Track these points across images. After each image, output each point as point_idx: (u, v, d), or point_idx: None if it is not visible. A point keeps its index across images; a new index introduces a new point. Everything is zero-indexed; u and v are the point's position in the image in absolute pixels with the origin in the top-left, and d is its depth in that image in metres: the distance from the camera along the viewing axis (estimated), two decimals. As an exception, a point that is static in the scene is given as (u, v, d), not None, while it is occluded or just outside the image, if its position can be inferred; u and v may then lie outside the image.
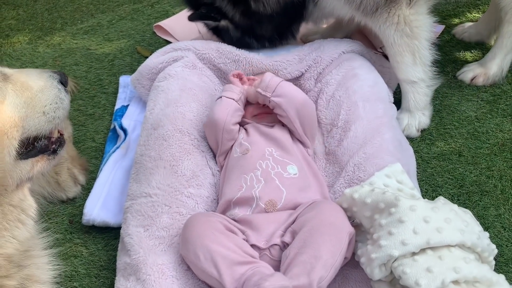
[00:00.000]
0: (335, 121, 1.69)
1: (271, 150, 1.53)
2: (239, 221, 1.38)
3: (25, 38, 2.49)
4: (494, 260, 1.28)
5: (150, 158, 1.57)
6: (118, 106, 2.00)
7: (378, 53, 2.11)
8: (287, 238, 1.31)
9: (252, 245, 1.31)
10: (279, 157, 1.51)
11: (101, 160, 1.81)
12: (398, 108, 1.88)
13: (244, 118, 1.67)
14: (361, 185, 1.36)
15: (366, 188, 1.30)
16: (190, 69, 1.87)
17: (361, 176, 1.50)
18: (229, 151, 1.61)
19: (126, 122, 1.89)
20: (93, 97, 2.12)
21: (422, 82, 1.82)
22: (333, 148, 1.64)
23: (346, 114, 1.69)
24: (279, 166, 1.48)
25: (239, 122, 1.65)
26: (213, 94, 1.84)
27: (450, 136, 1.84)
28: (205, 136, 1.67)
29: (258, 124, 1.64)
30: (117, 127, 1.88)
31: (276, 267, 1.29)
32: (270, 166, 1.48)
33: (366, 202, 1.26)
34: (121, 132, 1.85)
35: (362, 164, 1.53)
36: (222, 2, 1.93)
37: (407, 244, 1.15)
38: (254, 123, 1.65)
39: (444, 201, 1.27)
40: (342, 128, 1.66)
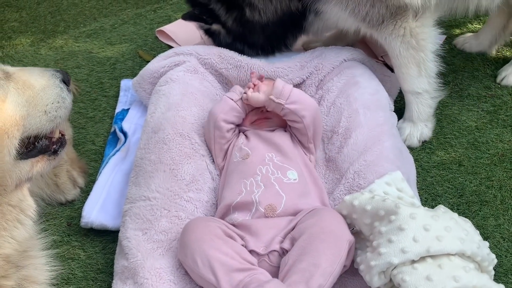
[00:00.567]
0: (336, 128, 1.69)
1: (271, 155, 1.53)
2: (238, 226, 1.38)
3: (27, 41, 2.50)
4: (493, 270, 1.27)
5: (150, 162, 1.56)
6: (118, 110, 2.00)
7: (379, 61, 2.12)
8: (286, 245, 1.31)
9: (250, 250, 1.31)
10: (279, 162, 1.51)
11: (100, 163, 1.81)
12: (398, 116, 1.88)
13: (243, 126, 1.67)
14: (361, 192, 1.36)
15: (366, 195, 1.30)
16: (192, 73, 1.88)
17: (361, 183, 1.50)
18: (227, 155, 1.61)
19: (127, 125, 1.89)
20: (94, 100, 2.12)
21: (427, 94, 1.82)
22: (333, 155, 1.64)
23: (347, 121, 1.69)
24: (279, 172, 1.48)
25: (238, 126, 1.65)
26: (214, 99, 1.84)
27: (450, 145, 1.84)
28: (205, 140, 1.67)
29: (258, 130, 1.64)
30: (117, 130, 1.87)
31: (274, 274, 1.29)
32: (270, 171, 1.48)
33: (366, 209, 1.26)
34: (121, 135, 1.85)
35: (362, 171, 1.53)
36: (216, 5, 1.90)
37: (407, 252, 1.15)
38: (254, 129, 1.65)
39: (444, 209, 1.27)
40: (343, 135, 1.66)
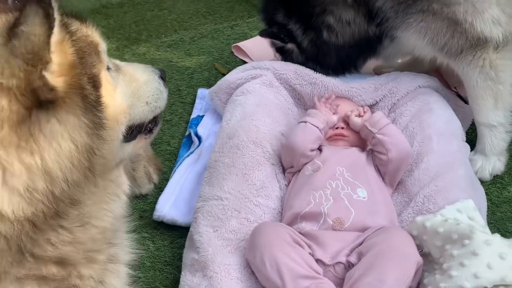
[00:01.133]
0: (407, 152, 1.69)
1: (342, 170, 1.55)
2: (305, 235, 1.40)
3: (113, 46, 2.69)
4: None
5: (224, 164, 1.63)
6: (194, 115, 2.11)
7: (452, 92, 2.11)
8: (353, 259, 1.32)
9: (317, 260, 1.33)
10: (350, 178, 1.53)
11: (174, 163, 1.91)
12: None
13: None
14: (433, 214, 1.35)
15: (438, 217, 1.30)
16: (267, 87, 1.95)
17: (430, 208, 1.49)
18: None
19: (201, 130, 1.99)
20: (171, 105, 2.24)
21: (502, 127, 1.78)
22: (403, 177, 1.64)
23: (419, 146, 1.69)
24: (349, 187, 1.50)
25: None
26: (286, 113, 1.90)
27: (523, 182, 1.79)
28: (275, 149, 1.71)
29: (333, 145, 1.68)
30: (192, 134, 1.97)
31: (338, 285, 1.30)
32: (340, 186, 1.50)
33: (438, 231, 1.25)
34: (195, 138, 1.94)
35: (432, 196, 1.52)
36: (294, 25, 1.97)
37: (480, 277, 1.13)
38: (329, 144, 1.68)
39: (520, 241, 1.24)
40: (414, 159, 1.66)
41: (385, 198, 1.55)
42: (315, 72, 1.96)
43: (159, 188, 1.80)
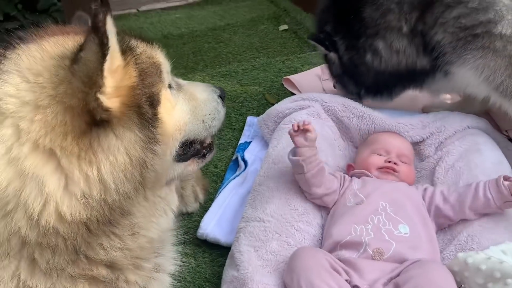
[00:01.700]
0: (453, 190, 1.68)
1: (385, 205, 1.54)
2: (344, 261, 1.41)
3: (172, 73, 2.85)
4: None
5: (268, 188, 1.69)
6: (242, 141, 2.19)
7: (503, 135, 2.07)
8: (390, 289, 1.31)
9: (354, 286, 1.33)
10: (392, 213, 1.52)
11: (220, 184, 1.98)
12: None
13: (366, 171, 1.71)
14: (476, 251, 1.33)
15: (481, 255, 1.28)
16: (315, 117, 2.00)
17: (474, 247, 1.46)
18: (339, 197, 1.66)
19: (248, 155, 2.06)
20: (221, 130, 2.30)
21: None
22: (447, 215, 1.63)
23: (465, 186, 1.67)
24: (391, 223, 1.49)
25: (357, 173, 1.72)
26: (332, 144, 1.94)
27: None
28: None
29: (381, 177, 1.68)
30: (239, 158, 2.05)
31: (374, 315, 1.29)
32: (381, 221, 1.49)
33: (481, 268, 1.24)
34: (242, 163, 2.02)
35: (476, 236, 1.49)
36: (340, 39, 1.97)
37: (522, 318, 1.10)
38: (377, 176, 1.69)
39: None
40: (459, 197, 1.64)
41: (429, 235, 1.52)
42: (363, 106, 1.99)
43: (204, 207, 1.87)
